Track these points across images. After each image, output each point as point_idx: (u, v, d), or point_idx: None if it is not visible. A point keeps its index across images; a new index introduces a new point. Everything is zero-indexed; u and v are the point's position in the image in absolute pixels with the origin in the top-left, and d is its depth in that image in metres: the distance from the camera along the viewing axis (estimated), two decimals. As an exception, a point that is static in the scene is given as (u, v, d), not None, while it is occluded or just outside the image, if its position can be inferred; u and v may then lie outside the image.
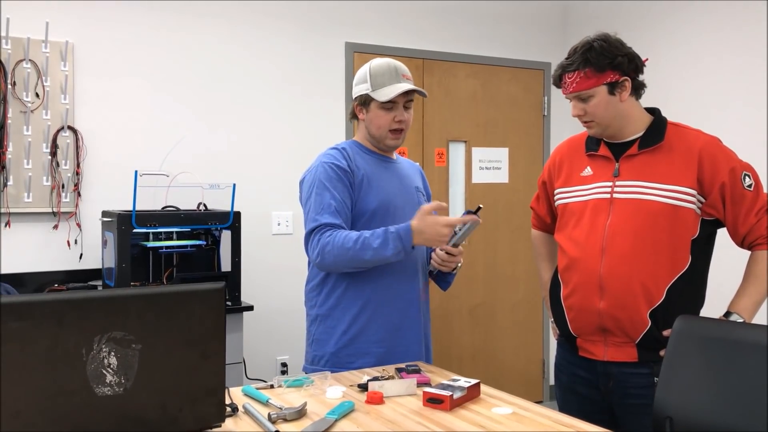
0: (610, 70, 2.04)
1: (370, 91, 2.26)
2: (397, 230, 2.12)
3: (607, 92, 2.06)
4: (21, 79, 3.28)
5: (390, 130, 2.28)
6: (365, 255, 2.11)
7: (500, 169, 4.64)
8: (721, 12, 3.84)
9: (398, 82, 2.26)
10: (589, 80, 2.05)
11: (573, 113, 2.13)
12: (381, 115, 2.27)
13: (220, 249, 3.35)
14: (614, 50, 2.04)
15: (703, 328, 1.86)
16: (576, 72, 2.06)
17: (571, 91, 2.09)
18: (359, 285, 2.22)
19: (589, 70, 2.04)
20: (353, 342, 2.23)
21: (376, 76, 2.26)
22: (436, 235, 2.12)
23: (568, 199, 2.23)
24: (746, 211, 2.03)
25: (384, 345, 2.24)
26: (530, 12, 4.73)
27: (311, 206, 2.21)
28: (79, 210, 3.42)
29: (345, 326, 2.23)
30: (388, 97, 2.23)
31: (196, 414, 1.45)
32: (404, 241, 2.11)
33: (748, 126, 3.65)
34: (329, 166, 2.22)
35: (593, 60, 2.03)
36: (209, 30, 3.74)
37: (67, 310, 1.32)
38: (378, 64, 2.28)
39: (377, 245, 2.10)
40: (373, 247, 2.10)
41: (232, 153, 3.79)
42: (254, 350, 3.68)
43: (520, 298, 4.72)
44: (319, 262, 2.17)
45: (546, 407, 1.86)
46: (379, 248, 2.10)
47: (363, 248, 2.11)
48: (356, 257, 2.12)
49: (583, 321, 2.13)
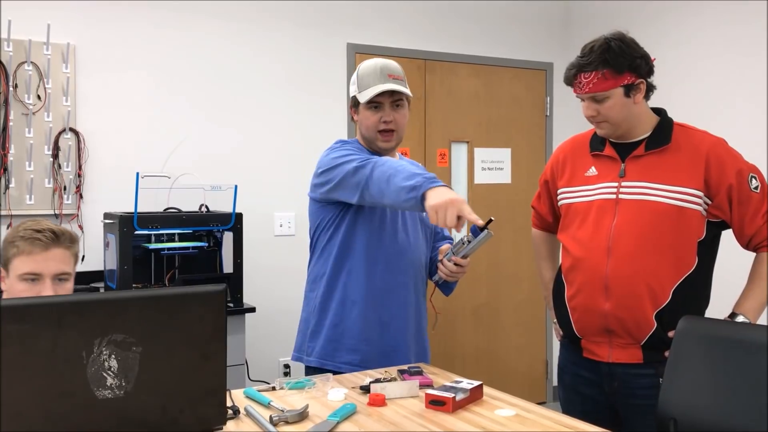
0: (628, 72, 2.01)
1: (357, 93, 2.26)
2: (429, 177, 1.94)
3: (623, 94, 2.03)
4: (23, 81, 3.28)
5: (379, 131, 2.25)
6: (397, 177, 1.94)
7: (503, 169, 4.63)
8: (724, 11, 3.83)
9: (382, 82, 2.22)
10: (607, 81, 2.01)
11: (586, 113, 2.10)
12: (368, 116, 2.25)
13: (222, 250, 3.35)
14: (632, 51, 2.02)
15: (707, 329, 1.86)
16: (593, 72, 2.02)
17: (587, 91, 2.05)
18: (356, 281, 2.22)
19: (608, 71, 2.00)
20: (342, 336, 2.22)
21: (362, 77, 2.26)
22: (451, 199, 1.85)
23: (572, 199, 2.21)
24: (753, 213, 2.02)
25: (371, 343, 2.23)
26: (532, 12, 4.72)
27: (340, 158, 2.11)
28: (80, 212, 3.42)
29: (337, 319, 2.23)
30: (367, 98, 2.21)
31: (197, 416, 1.44)
32: (426, 178, 1.91)
33: (751, 126, 3.64)
34: (343, 142, 2.27)
35: (612, 61, 1.99)
36: (211, 31, 3.73)
37: (67, 312, 1.31)
38: (366, 65, 2.28)
39: (408, 173, 1.94)
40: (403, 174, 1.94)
41: (233, 154, 3.78)
42: (256, 352, 3.68)
43: (523, 299, 4.71)
44: (366, 180, 2.01)
45: (549, 408, 1.85)
46: (409, 176, 1.93)
47: (394, 173, 1.96)
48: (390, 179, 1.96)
49: (588, 322, 2.12)
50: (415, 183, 1.90)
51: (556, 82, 4.78)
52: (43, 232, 1.84)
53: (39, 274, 1.83)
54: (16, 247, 1.83)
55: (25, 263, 1.83)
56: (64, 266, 1.87)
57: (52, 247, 1.84)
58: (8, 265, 1.86)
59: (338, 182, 2.13)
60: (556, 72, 4.78)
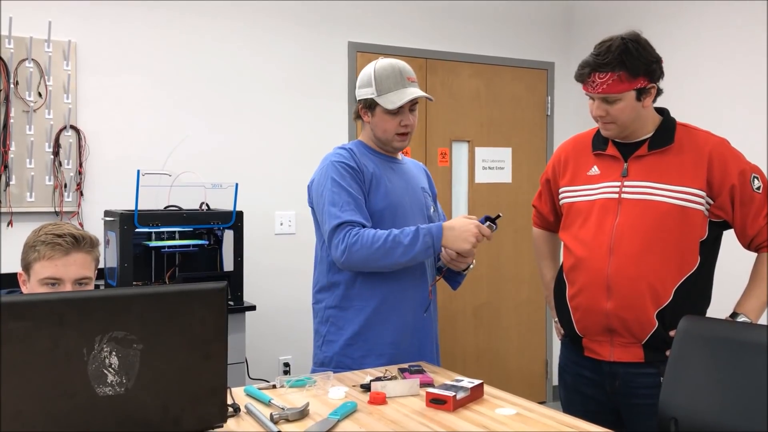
0: (643, 77, 2.00)
1: (375, 96, 2.22)
2: (428, 228, 2.11)
3: (635, 98, 2.02)
4: (24, 78, 3.28)
5: (396, 134, 2.26)
6: (395, 253, 2.08)
7: (503, 169, 4.63)
8: (726, 12, 3.82)
9: (404, 86, 2.22)
10: (622, 84, 1.99)
11: (595, 113, 2.08)
12: (387, 120, 2.24)
13: (222, 249, 3.34)
14: (648, 56, 2.00)
15: (707, 329, 1.85)
16: (609, 73, 1.98)
17: (600, 92, 2.02)
18: (372, 284, 2.20)
19: (624, 73, 1.98)
20: (366, 342, 2.21)
21: (381, 80, 2.22)
22: (465, 230, 2.09)
23: (574, 198, 2.21)
24: (755, 214, 2.02)
25: (397, 345, 2.22)
26: (534, 12, 4.71)
27: (327, 203, 2.16)
28: (81, 209, 3.42)
29: (357, 327, 2.21)
30: (396, 106, 2.19)
31: (197, 414, 1.44)
32: (434, 238, 2.09)
33: (751, 127, 3.64)
34: (340, 164, 2.19)
35: (628, 63, 1.97)
36: (212, 29, 3.73)
37: (68, 309, 1.31)
38: (383, 67, 2.24)
39: (408, 242, 2.08)
40: (404, 245, 2.08)
41: (234, 152, 3.78)
42: (256, 350, 3.68)
43: (523, 299, 4.70)
44: (345, 260, 2.11)
45: (550, 408, 1.85)
46: (410, 245, 2.08)
47: (394, 246, 2.08)
48: (386, 255, 2.08)
49: (590, 321, 2.11)
50: (424, 246, 2.09)
51: (557, 82, 4.78)
52: (64, 237, 1.84)
53: (59, 279, 1.83)
54: (36, 251, 1.84)
55: (45, 268, 1.83)
56: (84, 271, 1.87)
57: (72, 252, 1.84)
58: (29, 270, 1.87)
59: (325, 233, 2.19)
60: (557, 72, 4.78)
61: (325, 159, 2.27)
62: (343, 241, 2.10)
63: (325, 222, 2.17)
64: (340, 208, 2.13)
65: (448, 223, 2.13)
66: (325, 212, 2.16)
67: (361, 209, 2.15)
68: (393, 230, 2.11)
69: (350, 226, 2.11)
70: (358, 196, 2.16)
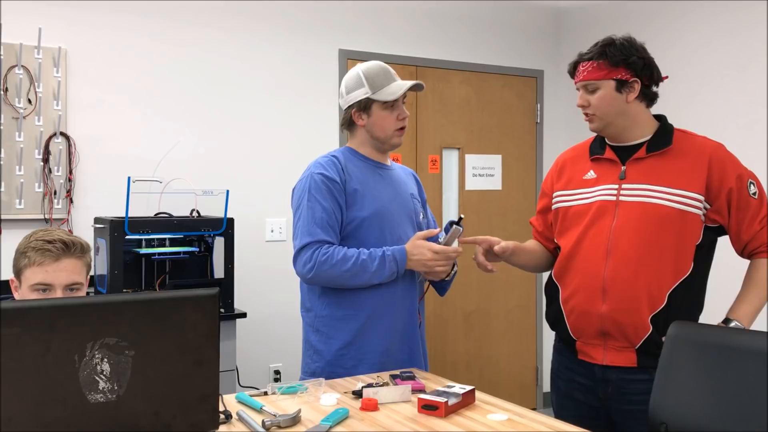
0: (623, 68, 2.06)
1: (371, 95, 2.26)
2: (393, 253, 2.19)
3: (614, 88, 2.07)
4: (13, 85, 3.26)
5: (395, 129, 2.30)
6: (362, 276, 2.17)
7: (493, 176, 4.64)
8: (720, 19, 3.85)
9: (395, 80, 2.29)
10: (600, 72, 2.07)
11: (577, 103, 2.15)
12: (385, 116, 2.27)
13: (213, 256, 3.34)
14: (632, 50, 2.07)
15: (697, 334, 1.86)
16: (590, 62, 2.09)
17: (581, 79, 2.11)
18: (362, 292, 2.22)
19: (603, 62, 2.07)
20: (358, 351, 2.22)
21: (372, 78, 2.26)
22: (421, 257, 2.20)
23: (568, 202, 2.21)
24: (750, 219, 2.04)
25: (388, 353, 2.24)
26: (523, 20, 4.74)
27: (302, 219, 2.22)
28: (71, 216, 3.40)
29: (349, 336, 2.22)
30: (396, 95, 2.25)
31: (189, 421, 1.43)
32: (399, 264, 2.20)
33: (745, 132, 3.66)
34: (319, 176, 2.23)
35: (609, 54, 2.06)
36: (203, 36, 3.73)
37: (59, 315, 1.30)
38: (370, 67, 2.29)
39: (374, 268, 2.17)
40: (370, 271, 2.17)
41: (225, 159, 3.78)
42: (247, 357, 3.67)
43: (514, 305, 4.71)
44: (311, 277, 2.19)
45: (541, 413, 1.85)
46: (376, 271, 2.17)
47: (361, 270, 2.16)
48: (353, 277, 2.17)
49: (584, 324, 2.11)
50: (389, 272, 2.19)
51: (546, 90, 4.81)
52: (54, 243, 1.84)
53: (50, 285, 1.83)
54: (27, 257, 1.84)
55: (36, 274, 1.83)
56: (75, 276, 1.87)
57: (62, 258, 1.85)
58: (20, 276, 1.87)
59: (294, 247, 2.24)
60: (547, 79, 4.81)
61: (308, 168, 2.30)
62: (311, 259, 2.16)
63: (296, 236, 2.23)
64: (311, 226, 2.19)
65: (408, 248, 2.22)
66: (298, 227, 2.23)
67: (333, 226, 2.21)
68: (362, 252, 2.18)
69: (319, 244, 2.17)
70: (333, 210, 2.20)
